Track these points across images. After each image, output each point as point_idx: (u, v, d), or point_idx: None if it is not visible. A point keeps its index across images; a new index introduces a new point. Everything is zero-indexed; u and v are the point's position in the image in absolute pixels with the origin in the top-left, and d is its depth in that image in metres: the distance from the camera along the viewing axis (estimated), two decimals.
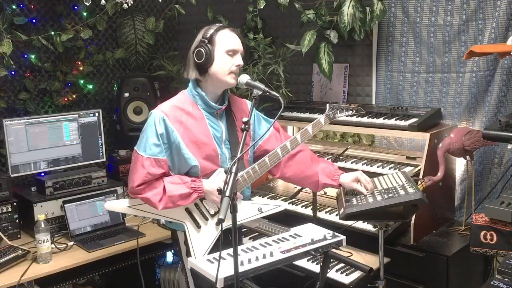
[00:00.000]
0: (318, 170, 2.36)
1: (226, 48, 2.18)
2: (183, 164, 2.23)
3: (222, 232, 1.82)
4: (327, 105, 2.41)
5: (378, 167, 2.94)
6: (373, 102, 3.36)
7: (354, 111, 2.41)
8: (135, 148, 2.23)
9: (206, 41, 2.18)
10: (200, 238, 2.25)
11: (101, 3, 3.30)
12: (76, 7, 3.64)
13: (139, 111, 3.73)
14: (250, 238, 2.96)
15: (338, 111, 2.38)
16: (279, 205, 2.32)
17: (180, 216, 2.27)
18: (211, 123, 2.26)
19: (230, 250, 1.92)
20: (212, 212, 2.29)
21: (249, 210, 2.28)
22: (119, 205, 2.34)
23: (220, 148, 2.26)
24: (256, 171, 2.26)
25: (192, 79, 2.25)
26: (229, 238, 1.84)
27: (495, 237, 2.32)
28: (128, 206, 2.27)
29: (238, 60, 2.20)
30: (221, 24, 2.27)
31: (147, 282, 3.65)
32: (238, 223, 2.25)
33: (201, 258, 2.14)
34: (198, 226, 2.27)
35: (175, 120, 2.20)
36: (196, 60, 2.19)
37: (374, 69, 3.33)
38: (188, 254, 2.23)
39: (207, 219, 2.28)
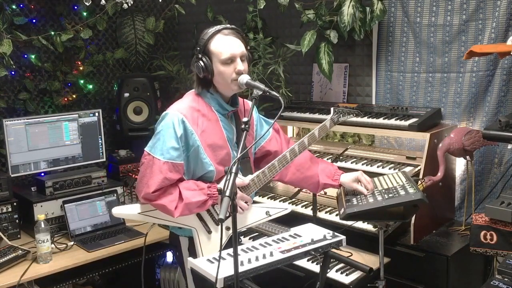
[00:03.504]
0: (318, 171, 2.35)
1: (221, 58, 2.09)
2: (200, 169, 2.16)
3: (222, 232, 1.81)
4: (332, 108, 2.37)
5: (378, 167, 2.94)
6: (373, 102, 3.36)
7: (354, 115, 2.40)
8: (147, 150, 2.12)
9: (200, 55, 2.11)
10: (211, 243, 2.22)
11: (101, 3, 3.30)
12: (76, 7, 3.64)
13: (139, 111, 3.73)
14: (250, 238, 2.96)
15: (341, 115, 2.34)
16: (285, 208, 2.33)
17: (192, 222, 2.21)
18: (224, 125, 2.21)
19: (230, 250, 1.91)
20: None
21: (258, 214, 2.28)
22: (128, 211, 2.21)
23: (232, 150, 2.22)
24: (265, 175, 2.22)
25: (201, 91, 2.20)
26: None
27: (495, 237, 2.31)
28: (139, 213, 2.16)
29: (238, 65, 2.11)
30: (215, 27, 2.14)
31: (147, 282, 3.66)
32: (247, 226, 2.29)
33: (201, 258, 2.13)
34: (209, 231, 2.23)
35: (193, 122, 2.12)
36: (198, 75, 2.15)
37: (374, 69, 3.33)
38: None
39: (218, 224, 2.24)
